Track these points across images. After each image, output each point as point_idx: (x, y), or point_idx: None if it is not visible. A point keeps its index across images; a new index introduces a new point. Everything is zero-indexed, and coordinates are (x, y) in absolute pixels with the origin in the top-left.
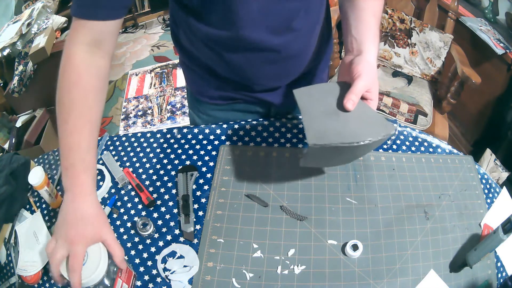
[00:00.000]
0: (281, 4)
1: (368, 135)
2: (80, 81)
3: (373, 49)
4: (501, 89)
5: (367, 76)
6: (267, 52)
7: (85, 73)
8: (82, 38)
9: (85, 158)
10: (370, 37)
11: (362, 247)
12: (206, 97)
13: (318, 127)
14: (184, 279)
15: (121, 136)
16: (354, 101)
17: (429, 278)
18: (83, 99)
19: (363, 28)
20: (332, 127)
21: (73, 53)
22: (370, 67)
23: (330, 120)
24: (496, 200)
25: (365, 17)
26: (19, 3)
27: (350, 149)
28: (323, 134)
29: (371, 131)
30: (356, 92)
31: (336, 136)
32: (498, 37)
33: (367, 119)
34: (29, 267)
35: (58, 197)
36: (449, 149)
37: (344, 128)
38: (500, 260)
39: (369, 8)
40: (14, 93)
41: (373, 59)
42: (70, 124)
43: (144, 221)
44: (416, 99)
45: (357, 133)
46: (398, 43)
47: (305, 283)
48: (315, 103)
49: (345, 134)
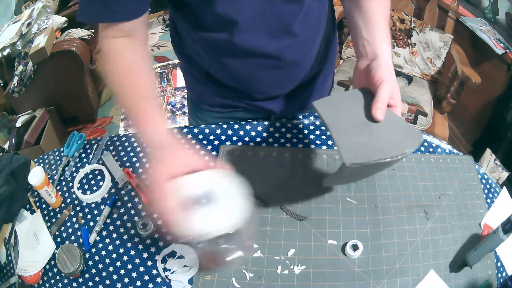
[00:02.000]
0: (277, 8)
1: (405, 147)
2: (122, 56)
3: (388, 51)
4: (501, 89)
5: (390, 82)
6: (265, 58)
7: (125, 49)
8: (113, 33)
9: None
10: (383, 38)
11: (362, 247)
12: (206, 105)
13: (352, 143)
14: (184, 279)
15: (121, 136)
16: (382, 110)
17: (429, 278)
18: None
19: (374, 29)
20: (367, 142)
21: (108, 43)
22: (390, 71)
23: (362, 133)
24: (496, 200)
25: (375, 17)
26: (19, 3)
27: (386, 164)
28: (359, 150)
29: (406, 142)
30: (382, 100)
31: (374, 152)
32: (498, 37)
33: (399, 129)
34: (29, 267)
35: (58, 197)
36: (449, 149)
37: (380, 141)
38: (500, 260)
39: (377, 7)
40: (14, 93)
41: (390, 61)
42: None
43: (144, 221)
44: (416, 99)
45: (395, 146)
46: (398, 43)
47: (305, 283)
48: (340, 114)
49: (383, 148)
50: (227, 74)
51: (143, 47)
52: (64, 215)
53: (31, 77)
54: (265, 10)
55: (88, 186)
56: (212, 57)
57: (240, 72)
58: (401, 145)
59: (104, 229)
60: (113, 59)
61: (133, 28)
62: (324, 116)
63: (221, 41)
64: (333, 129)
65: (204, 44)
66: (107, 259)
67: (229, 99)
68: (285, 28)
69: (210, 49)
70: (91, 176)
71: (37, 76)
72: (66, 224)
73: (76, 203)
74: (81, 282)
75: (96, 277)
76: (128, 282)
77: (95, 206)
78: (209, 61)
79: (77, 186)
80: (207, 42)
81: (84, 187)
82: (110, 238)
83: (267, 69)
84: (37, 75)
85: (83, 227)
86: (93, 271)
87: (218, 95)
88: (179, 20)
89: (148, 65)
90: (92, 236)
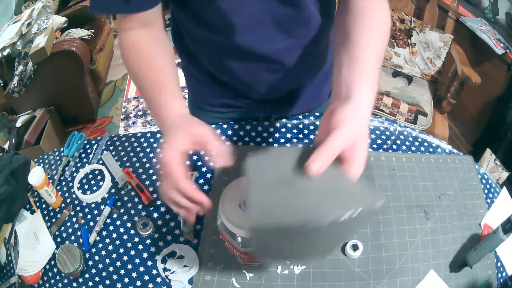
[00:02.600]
0: (274, 10)
1: (334, 212)
2: (138, 43)
3: (368, 93)
4: (501, 89)
5: (350, 128)
6: (263, 60)
7: (141, 39)
8: (130, 25)
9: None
10: (365, 77)
11: (362, 247)
12: (207, 105)
13: (264, 202)
14: (184, 279)
15: (121, 136)
16: (321, 163)
17: (429, 278)
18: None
19: (357, 68)
20: (283, 202)
21: (125, 35)
22: (358, 115)
23: (281, 191)
24: (496, 200)
25: (361, 54)
26: (19, 3)
27: (309, 233)
28: (269, 210)
29: (340, 205)
30: (327, 150)
31: (286, 214)
32: (498, 37)
33: (338, 190)
34: (29, 267)
35: (58, 197)
36: (449, 149)
37: (300, 202)
38: (500, 260)
39: (368, 44)
40: (14, 93)
41: (366, 105)
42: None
43: (144, 221)
44: (416, 99)
45: (318, 210)
46: (398, 43)
47: (305, 283)
48: (269, 170)
49: (300, 210)
50: (227, 74)
51: (159, 36)
52: (64, 215)
53: (31, 77)
54: (263, 11)
55: (88, 186)
56: (212, 57)
57: (240, 73)
58: (325, 210)
59: (104, 229)
60: (128, 51)
61: (148, 18)
62: (250, 170)
63: (220, 41)
64: (252, 185)
65: (205, 43)
66: (107, 259)
67: (229, 99)
68: (282, 30)
69: (210, 48)
70: (91, 176)
71: (37, 76)
72: (66, 224)
73: (76, 203)
74: (81, 282)
75: (96, 277)
76: (128, 282)
77: (95, 206)
78: (210, 61)
79: (77, 186)
80: (207, 41)
81: (84, 187)
82: (110, 238)
83: (266, 71)
84: (37, 75)
85: (83, 227)
86: (93, 271)
87: (218, 95)
88: (180, 17)
89: (164, 52)
90: (92, 236)
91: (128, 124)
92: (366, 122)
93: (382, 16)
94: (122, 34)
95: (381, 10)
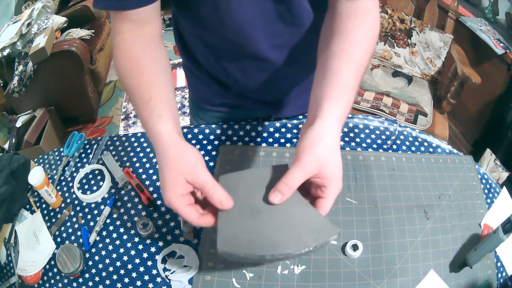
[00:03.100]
0: (267, 8)
1: (296, 243)
2: (130, 52)
3: (338, 112)
4: (501, 89)
5: (311, 161)
6: (257, 59)
7: (134, 45)
8: (125, 26)
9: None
10: (336, 96)
11: (362, 247)
12: (208, 104)
13: (232, 229)
14: (184, 279)
15: (121, 136)
16: (282, 193)
17: (429, 278)
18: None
19: (330, 84)
20: (249, 229)
21: (118, 40)
22: (322, 141)
23: (247, 220)
24: (496, 200)
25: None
26: (19, 3)
27: (271, 260)
28: (236, 238)
29: (301, 237)
30: (287, 183)
31: (252, 243)
32: (498, 37)
33: (299, 219)
34: (29, 267)
35: (58, 197)
36: (449, 149)
37: (265, 230)
38: (500, 260)
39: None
40: (14, 93)
41: (335, 126)
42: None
43: (144, 221)
44: (416, 99)
45: (280, 240)
46: (398, 43)
47: (305, 283)
48: (238, 196)
49: (265, 239)
50: (221, 73)
51: (154, 40)
52: (64, 215)
53: (31, 77)
54: (255, 10)
55: (88, 186)
56: (207, 56)
57: (233, 71)
58: (284, 242)
59: (104, 229)
60: (121, 55)
61: (144, 18)
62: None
63: (213, 39)
64: (222, 212)
65: (202, 42)
66: (107, 259)
67: (228, 98)
68: (274, 29)
69: (204, 47)
70: (91, 176)
71: (37, 76)
72: (66, 224)
73: (76, 203)
74: (81, 282)
75: (96, 277)
76: (128, 282)
77: (95, 206)
78: (205, 59)
79: (77, 186)
80: (201, 40)
81: (84, 187)
82: (110, 238)
83: (260, 71)
84: (37, 75)
85: (83, 227)
86: (93, 271)
87: (218, 94)
88: (179, 16)
89: (158, 60)
90: (92, 236)
91: (128, 124)
92: (332, 143)
93: (368, 20)
94: (116, 40)
95: (370, 15)
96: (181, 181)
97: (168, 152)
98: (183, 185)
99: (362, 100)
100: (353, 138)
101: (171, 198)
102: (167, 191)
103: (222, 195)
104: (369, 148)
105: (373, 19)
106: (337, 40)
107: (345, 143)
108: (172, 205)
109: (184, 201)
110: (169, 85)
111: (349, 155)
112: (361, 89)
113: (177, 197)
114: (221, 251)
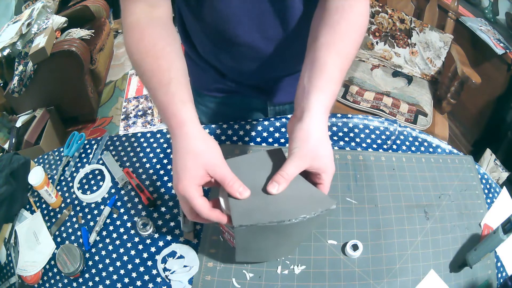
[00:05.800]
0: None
1: (301, 212)
2: (145, 33)
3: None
4: (501, 89)
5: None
6: (249, 48)
7: (147, 28)
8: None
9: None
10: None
11: (362, 247)
12: (205, 90)
13: (244, 207)
14: (184, 279)
15: (121, 136)
16: (278, 188)
17: (429, 278)
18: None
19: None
20: (258, 206)
21: (132, 20)
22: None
23: (255, 198)
24: (496, 200)
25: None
26: (19, 3)
27: (283, 231)
28: (249, 213)
29: (305, 207)
30: (284, 175)
31: (263, 215)
32: (498, 37)
33: (301, 196)
34: (29, 267)
35: (58, 197)
36: (449, 149)
37: (272, 206)
38: (500, 260)
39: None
40: (14, 93)
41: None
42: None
43: (144, 221)
44: (416, 99)
45: (287, 211)
46: (398, 43)
47: (305, 283)
48: (246, 176)
49: (274, 212)
50: (219, 62)
51: (168, 23)
52: (64, 215)
53: (31, 77)
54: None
55: (88, 186)
56: (207, 44)
57: (229, 60)
58: (297, 210)
59: (104, 229)
60: (135, 37)
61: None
62: None
63: (210, 28)
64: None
65: (201, 31)
66: (107, 259)
67: (225, 84)
68: (264, 24)
69: (205, 36)
70: (91, 176)
71: (37, 76)
72: (66, 224)
73: (76, 203)
74: (81, 282)
75: (96, 277)
76: (128, 282)
77: (95, 206)
78: (205, 48)
79: (77, 186)
80: (202, 29)
81: (84, 187)
82: (110, 238)
83: (252, 60)
84: (37, 75)
85: (83, 227)
86: (93, 271)
87: (215, 80)
88: (179, 2)
89: (173, 43)
90: (92, 236)
91: (128, 124)
92: (321, 136)
93: (356, 15)
94: (128, 21)
95: (357, 8)
96: (202, 172)
97: (192, 141)
98: (202, 176)
99: (362, 100)
100: (353, 138)
101: (189, 186)
102: (185, 179)
103: (240, 185)
104: (369, 148)
105: (361, 11)
106: (324, 32)
107: (345, 143)
108: (186, 193)
109: (200, 192)
110: (186, 70)
111: (349, 155)
112: (361, 89)
113: (195, 187)
114: (238, 225)
